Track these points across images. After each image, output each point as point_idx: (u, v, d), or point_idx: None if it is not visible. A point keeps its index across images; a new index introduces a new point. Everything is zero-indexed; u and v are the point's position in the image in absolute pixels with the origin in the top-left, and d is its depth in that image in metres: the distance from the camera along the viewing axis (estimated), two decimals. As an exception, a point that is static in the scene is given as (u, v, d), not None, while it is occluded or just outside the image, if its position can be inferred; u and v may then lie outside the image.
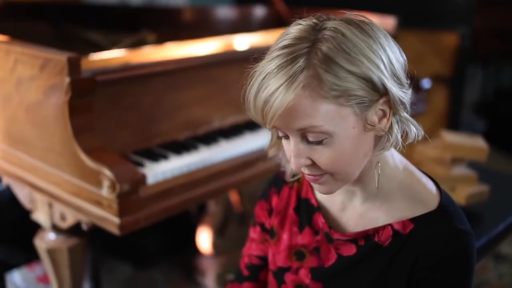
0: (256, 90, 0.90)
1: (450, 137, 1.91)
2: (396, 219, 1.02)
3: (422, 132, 0.99)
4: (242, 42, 2.30)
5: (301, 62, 0.87)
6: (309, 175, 0.98)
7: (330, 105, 0.88)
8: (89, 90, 1.61)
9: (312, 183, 1.01)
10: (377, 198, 1.05)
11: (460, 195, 1.81)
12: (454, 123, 3.95)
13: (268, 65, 0.89)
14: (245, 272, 1.26)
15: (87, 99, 1.62)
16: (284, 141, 0.98)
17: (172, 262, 2.89)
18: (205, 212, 2.69)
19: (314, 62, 0.87)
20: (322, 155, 0.93)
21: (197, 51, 2.08)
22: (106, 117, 1.73)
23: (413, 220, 1.01)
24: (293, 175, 1.15)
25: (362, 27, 0.91)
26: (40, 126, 1.73)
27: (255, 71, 0.92)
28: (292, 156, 0.95)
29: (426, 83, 2.81)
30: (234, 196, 2.64)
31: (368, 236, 1.04)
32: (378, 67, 0.89)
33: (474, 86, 4.56)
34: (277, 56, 0.89)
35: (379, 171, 1.01)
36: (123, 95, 1.78)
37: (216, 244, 2.61)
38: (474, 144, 1.87)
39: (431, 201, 1.02)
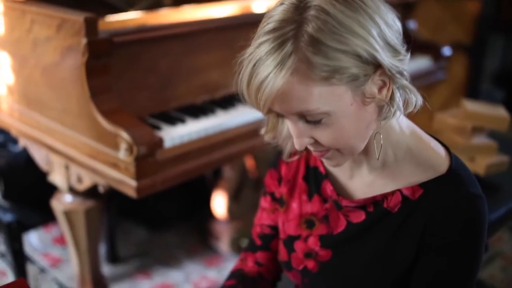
0: (247, 78, 0.88)
1: (471, 106, 1.88)
2: (405, 185, 1.01)
3: (422, 100, 0.97)
4: (260, 4, 2.26)
5: (288, 47, 0.86)
6: (314, 151, 0.98)
7: (322, 87, 0.87)
8: (106, 52, 1.60)
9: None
10: (384, 166, 1.03)
11: (480, 165, 1.78)
12: (473, 92, 3.89)
13: (256, 51, 0.88)
14: (258, 242, 1.26)
15: (104, 60, 1.60)
16: (286, 120, 0.97)
17: (187, 226, 2.91)
18: (220, 177, 2.69)
19: (301, 45, 0.85)
20: (323, 134, 0.93)
21: (215, 14, 2.05)
22: (123, 79, 1.71)
23: (422, 185, 0.99)
24: (290, 155, 1.14)
25: (347, 1, 0.88)
26: (56, 88, 1.72)
27: (245, 58, 0.90)
28: (294, 137, 0.95)
29: (446, 50, 2.75)
30: (249, 162, 2.64)
31: (376, 202, 1.03)
32: (367, 42, 0.86)
33: (494, 55, 4.48)
34: (265, 41, 0.87)
35: (381, 141, 0.99)
36: (140, 57, 1.76)
37: (231, 209, 2.62)
38: (495, 113, 1.84)
39: (441, 165, 1.00)
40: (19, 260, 2.23)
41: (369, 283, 1.04)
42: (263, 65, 0.86)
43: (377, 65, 0.89)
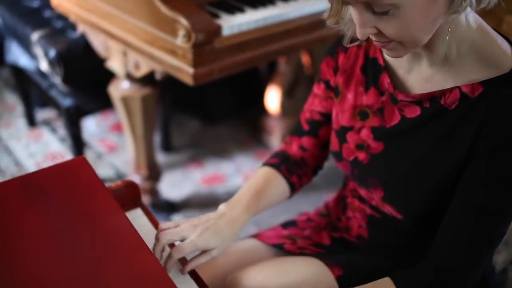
0: None
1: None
2: (465, 82, 0.96)
3: None
4: None
5: None
6: (376, 41, 0.94)
7: None
8: None
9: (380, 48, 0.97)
10: (446, 61, 0.98)
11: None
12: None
13: None
14: (306, 127, 1.26)
15: None
16: (351, 8, 0.92)
17: (239, 120, 2.95)
18: (275, 71, 2.66)
19: None
20: (388, 25, 0.88)
21: None
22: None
23: (483, 83, 0.94)
24: (351, 41, 1.09)
25: None
26: (115, -29, 1.70)
27: None
28: (357, 26, 0.91)
29: None
30: (305, 58, 2.59)
31: (434, 98, 0.99)
32: None
33: None
34: None
35: (447, 37, 0.94)
36: None
37: (284, 105, 2.61)
38: None
39: (505, 63, 0.95)
40: (78, 144, 2.32)
41: (416, 179, 1.03)
42: None
43: None
